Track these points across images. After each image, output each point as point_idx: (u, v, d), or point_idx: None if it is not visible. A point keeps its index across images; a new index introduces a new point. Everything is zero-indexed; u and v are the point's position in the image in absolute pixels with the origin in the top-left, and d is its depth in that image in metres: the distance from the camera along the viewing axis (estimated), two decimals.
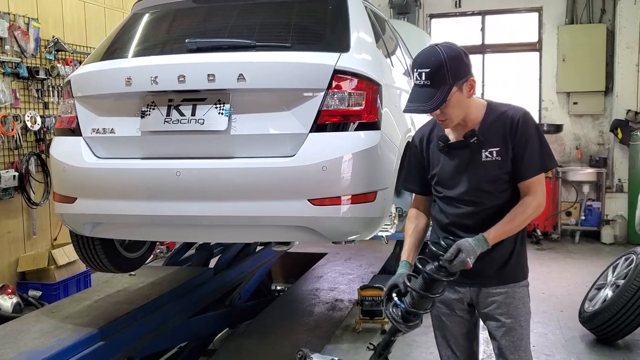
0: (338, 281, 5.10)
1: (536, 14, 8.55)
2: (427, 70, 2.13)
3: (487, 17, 8.77)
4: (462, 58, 2.18)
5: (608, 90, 8.10)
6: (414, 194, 2.56)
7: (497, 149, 2.23)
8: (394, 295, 2.25)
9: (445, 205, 2.36)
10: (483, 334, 2.61)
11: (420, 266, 2.19)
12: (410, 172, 2.49)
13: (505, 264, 2.31)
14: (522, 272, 2.38)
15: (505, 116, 2.24)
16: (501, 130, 2.23)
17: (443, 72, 2.13)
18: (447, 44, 2.21)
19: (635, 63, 7.83)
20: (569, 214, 8.06)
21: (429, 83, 2.14)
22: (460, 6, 8.68)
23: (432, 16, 8.95)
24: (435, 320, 2.50)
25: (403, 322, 2.22)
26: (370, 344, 2.45)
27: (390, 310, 2.24)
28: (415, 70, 2.17)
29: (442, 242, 2.18)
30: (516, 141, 2.21)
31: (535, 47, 8.61)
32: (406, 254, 2.43)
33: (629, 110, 7.79)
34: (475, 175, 2.26)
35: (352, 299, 4.44)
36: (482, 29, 8.81)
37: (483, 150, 2.24)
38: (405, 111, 2.26)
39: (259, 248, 5.57)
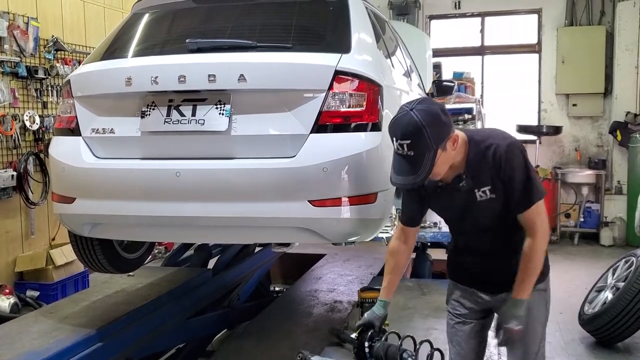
0: (337, 282, 5.08)
1: (535, 16, 8.56)
2: (408, 141, 2.06)
3: (487, 19, 8.78)
4: (440, 119, 2.10)
5: (607, 92, 8.10)
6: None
7: (489, 187, 2.22)
8: (366, 341, 2.53)
9: (455, 232, 2.46)
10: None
11: (403, 351, 2.50)
12: (408, 208, 2.50)
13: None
14: (540, 275, 2.38)
15: (488, 153, 2.19)
16: (487, 168, 2.20)
17: (424, 140, 2.06)
18: (421, 105, 2.11)
19: (634, 65, 7.84)
20: (568, 215, 8.06)
21: (412, 154, 2.08)
22: (459, 7, 8.69)
23: (431, 17, 8.96)
24: (449, 317, 2.57)
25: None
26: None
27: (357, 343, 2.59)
28: (395, 139, 2.11)
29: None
30: (502, 177, 2.19)
31: (534, 48, 8.62)
32: (384, 292, 2.57)
33: (628, 112, 7.79)
34: (475, 213, 2.28)
35: (351, 301, 4.43)
36: (482, 31, 8.82)
37: (476, 191, 2.24)
38: (393, 184, 2.21)
39: (257, 249, 5.56)
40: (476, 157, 2.21)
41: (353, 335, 2.65)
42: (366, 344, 2.51)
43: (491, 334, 2.59)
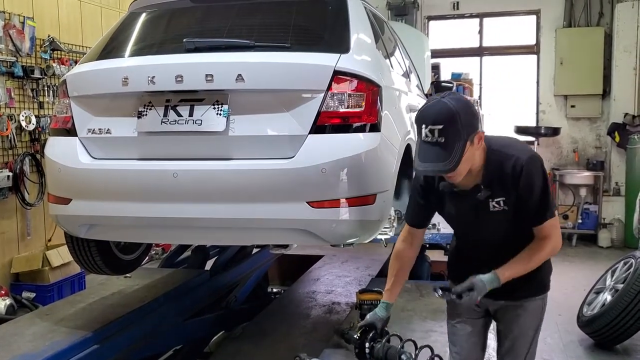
0: (335, 284, 5.05)
1: (534, 17, 8.57)
2: (441, 126, 2.01)
3: (485, 20, 8.79)
4: (472, 109, 2.09)
5: (605, 93, 8.11)
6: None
7: (503, 198, 2.19)
8: (367, 342, 2.51)
9: (460, 239, 2.42)
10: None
11: (401, 352, 2.47)
12: (414, 207, 2.47)
13: (523, 285, 2.32)
14: (541, 288, 2.41)
15: (507, 163, 2.15)
16: (505, 179, 2.16)
17: (457, 128, 2.01)
18: (452, 95, 2.09)
19: (632, 66, 7.84)
20: (566, 217, 8.06)
21: (442, 140, 2.01)
22: (458, 8, 8.68)
23: (430, 18, 8.96)
24: (449, 316, 2.57)
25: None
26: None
27: (359, 343, 2.58)
28: (425, 126, 2.04)
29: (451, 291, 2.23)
30: (520, 191, 2.16)
31: (533, 50, 8.62)
32: (387, 294, 2.55)
33: (626, 114, 7.79)
34: (486, 223, 2.25)
35: (349, 302, 4.40)
36: (480, 32, 8.82)
37: (490, 200, 2.20)
38: (419, 172, 2.15)
39: (255, 250, 5.53)
40: (495, 166, 2.17)
41: (356, 336, 2.62)
42: (367, 345, 2.50)
43: (491, 335, 2.60)
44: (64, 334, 3.23)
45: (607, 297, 4.23)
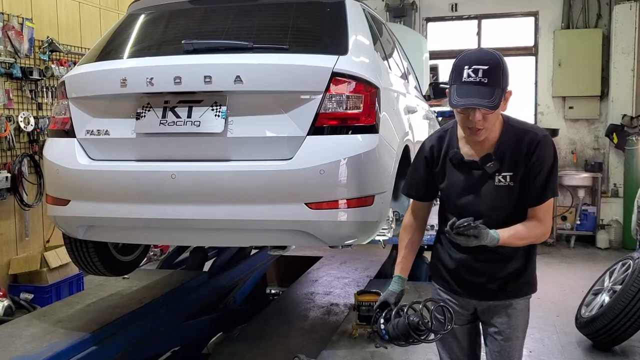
0: (333, 285, 5.06)
1: (532, 19, 8.58)
2: (486, 67, 2.05)
3: (484, 21, 8.80)
4: (508, 67, 2.13)
5: (604, 95, 8.12)
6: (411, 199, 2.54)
7: (511, 173, 2.19)
8: (381, 320, 2.31)
9: (456, 212, 2.33)
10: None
11: (409, 315, 2.22)
12: (414, 179, 2.46)
13: (511, 281, 2.31)
14: (529, 288, 2.39)
15: (525, 137, 2.19)
16: (518, 152, 2.18)
17: (499, 74, 2.07)
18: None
19: (630, 68, 7.85)
20: (564, 218, 8.07)
21: (485, 81, 2.04)
22: (456, 10, 8.70)
23: (428, 20, 8.97)
24: None
25: (378, 341, 2.36)
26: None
27: (375, 326, 2.35)
28: (468, 67, 2.07)
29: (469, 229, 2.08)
30: (530, 165, 2.17)
31: (531, 51, 8.63)
32: (399, 267, 2.47)
33: (624, 115, 7.81)
34: (487, 196, 2.24)
35: (347, 303, 4.40)
36: (478, 33, 8.83)
37: (497, 174, 2.21)
38: (458, 106, 2.10)
39: (253, 251, 5.53)
40: (510, 137, 2.20)
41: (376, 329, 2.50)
42: (381, 322, 2.34)
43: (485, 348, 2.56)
44: (62, 336, 3.22)
45: (605, 298, 4.23)
